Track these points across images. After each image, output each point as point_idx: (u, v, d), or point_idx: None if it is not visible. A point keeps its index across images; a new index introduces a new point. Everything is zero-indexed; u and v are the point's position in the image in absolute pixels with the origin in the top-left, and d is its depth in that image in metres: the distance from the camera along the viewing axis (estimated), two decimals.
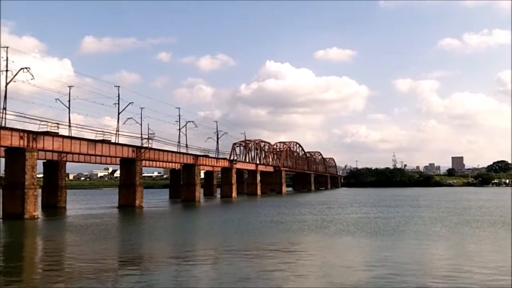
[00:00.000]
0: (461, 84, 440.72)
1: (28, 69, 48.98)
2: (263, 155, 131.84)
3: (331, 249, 25.76)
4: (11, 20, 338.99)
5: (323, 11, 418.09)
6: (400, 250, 24.39)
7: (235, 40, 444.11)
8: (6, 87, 46.74)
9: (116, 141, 62.36)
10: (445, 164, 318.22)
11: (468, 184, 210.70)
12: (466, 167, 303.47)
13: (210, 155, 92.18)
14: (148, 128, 68.59)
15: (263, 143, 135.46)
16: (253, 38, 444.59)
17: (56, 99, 56.23)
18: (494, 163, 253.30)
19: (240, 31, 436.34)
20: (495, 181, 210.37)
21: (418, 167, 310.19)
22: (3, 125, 45.65)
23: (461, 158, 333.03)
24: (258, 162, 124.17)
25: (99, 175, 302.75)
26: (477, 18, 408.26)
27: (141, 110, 68.02)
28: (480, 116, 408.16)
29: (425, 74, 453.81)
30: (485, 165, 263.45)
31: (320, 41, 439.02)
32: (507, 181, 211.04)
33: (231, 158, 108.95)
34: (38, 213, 49.38)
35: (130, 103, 65.20)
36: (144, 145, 67.12)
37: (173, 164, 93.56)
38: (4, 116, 45.82)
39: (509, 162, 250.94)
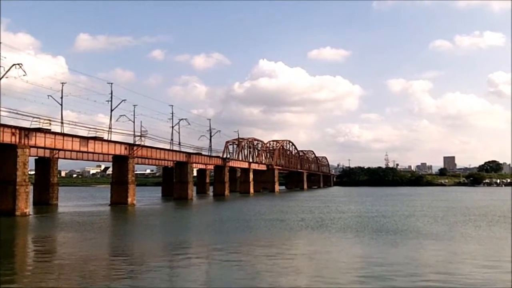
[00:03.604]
0: (452, 84, 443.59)
1: (20, 65, 48.22)
2: (256, 154, 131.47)
3: (338, 248, 25.35)
4: (6, 17, 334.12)
5: (317, 11, 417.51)
6: (406, 248, 24.08)
7: (230, 39, 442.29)
8: None
9: (109, 139, 61.71)
10: (437, 163, 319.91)
11: (460, 184, 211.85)
12: (457, 167, 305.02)
13: (203, 153, 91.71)
14: (141, 126, 67.94)
15: (256, 142, 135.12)
16: (248, 37, 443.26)
17: (48, 95, 55.48)
18: (485, 163, 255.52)
19: (235, 30, 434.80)
20: (486, 181, 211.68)
21: (410, 167, 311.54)
22: None
23: (453, 158, 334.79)
24: (251, 160, 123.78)
25: (91, 172, 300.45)
26: (468, 20, 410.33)
27: (134, 108, 67.52)
28: (472, 116, 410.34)
29: (418, 75, 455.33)
30: (477, 165, 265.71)
31: (314, 40, 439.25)
32: (498, 181, 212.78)
33: (224, 156, 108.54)
34: (30, 210, 48.69)
35: (123, 100, 64.52)
36: (136, 143, 66.52)
37: (166, 161, 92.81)
38: None
39: (500, 162, 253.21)
